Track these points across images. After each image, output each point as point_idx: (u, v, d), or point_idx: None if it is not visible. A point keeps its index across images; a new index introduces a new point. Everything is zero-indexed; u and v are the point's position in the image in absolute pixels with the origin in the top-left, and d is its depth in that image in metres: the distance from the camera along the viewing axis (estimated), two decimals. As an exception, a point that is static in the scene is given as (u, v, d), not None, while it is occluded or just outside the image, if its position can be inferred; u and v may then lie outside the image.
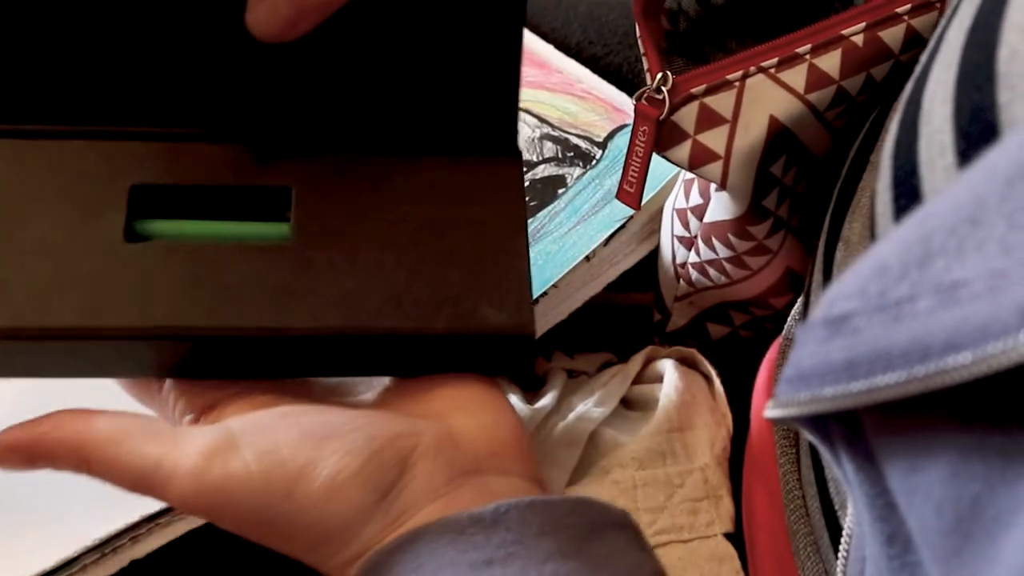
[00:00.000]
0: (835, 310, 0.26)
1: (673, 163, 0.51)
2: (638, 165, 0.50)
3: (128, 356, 0.41)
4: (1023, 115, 0.27)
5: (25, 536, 0.48)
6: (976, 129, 0.28)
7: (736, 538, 0.52)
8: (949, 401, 0.24)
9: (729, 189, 0.51)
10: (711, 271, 0.55)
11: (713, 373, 0.57)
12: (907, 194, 0.31)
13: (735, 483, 0.54)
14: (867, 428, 0.27)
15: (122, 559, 0.47)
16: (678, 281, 0.58)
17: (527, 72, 0.67)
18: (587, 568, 0.35)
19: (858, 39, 0.48)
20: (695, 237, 0.55)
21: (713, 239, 0.54)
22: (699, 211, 0.54)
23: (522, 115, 0.63)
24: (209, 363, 0.41)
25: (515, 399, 0.56)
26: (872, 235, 0.35)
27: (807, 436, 0.32)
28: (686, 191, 0.55)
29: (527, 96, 0.65)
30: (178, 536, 0.49)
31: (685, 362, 0.58)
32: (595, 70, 0.67)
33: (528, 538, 0.36)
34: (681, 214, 0.56)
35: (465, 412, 0.41)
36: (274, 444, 0.38)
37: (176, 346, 0.40)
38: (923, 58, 0.35)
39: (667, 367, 0.56)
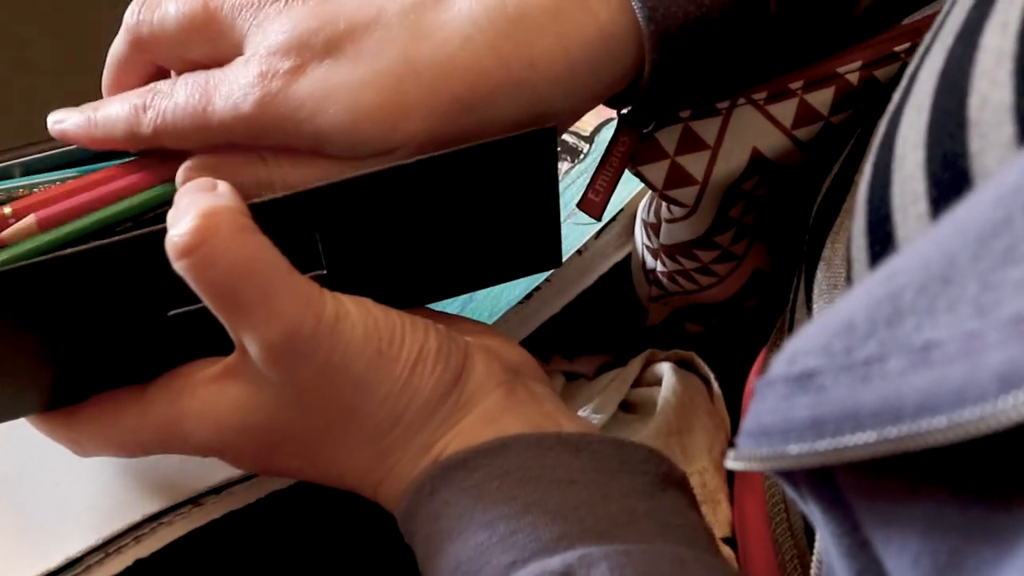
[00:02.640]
0: (797, 367, 0.26)
1: (645, 181, 0.50)
2: (609, 176, 0.49)
3: None
4: (994, 164, 0.26)
5: (30, 536, 0.48)
6: (948, 177, 0.28)
7: (735, 542, 0.52)
8: (923, 459, 0.23)
9: (699, 211, 0.50)
10: (680, 279, 0.55)
11: (712, 376, 0.56)
12: (881, 240, 0.31)
13: (732, 487, 0.53)
14: (840, 481, 0.27)
15: (126, 558, 0.48)
16: (649, 285, 0.58)
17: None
18: (660, 513, 0.37)
19: (853, 77, 0.46)
20: (659, 250, 0.55)
21: (677, 256, 0.54)
22: (655, 229, 0.54)
23: None
24: None
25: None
26: (848, 279, 0.35)
27: (772, 477, 0.32)
28: (647, 204, 0.55)
29: None
30: (182, 535, 0.49)
31: (684, 365, 0.57)
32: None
33: (608, 472, 0.38)
34: (645, 226, 0.55)
35: (482, 337, 0.45)
36: (367, 309, 0.40)
37: None
38: (896, 97, 0.35)
39: (665, 370, 0.56)
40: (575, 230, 0.57)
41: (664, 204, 0.51)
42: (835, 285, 0.39)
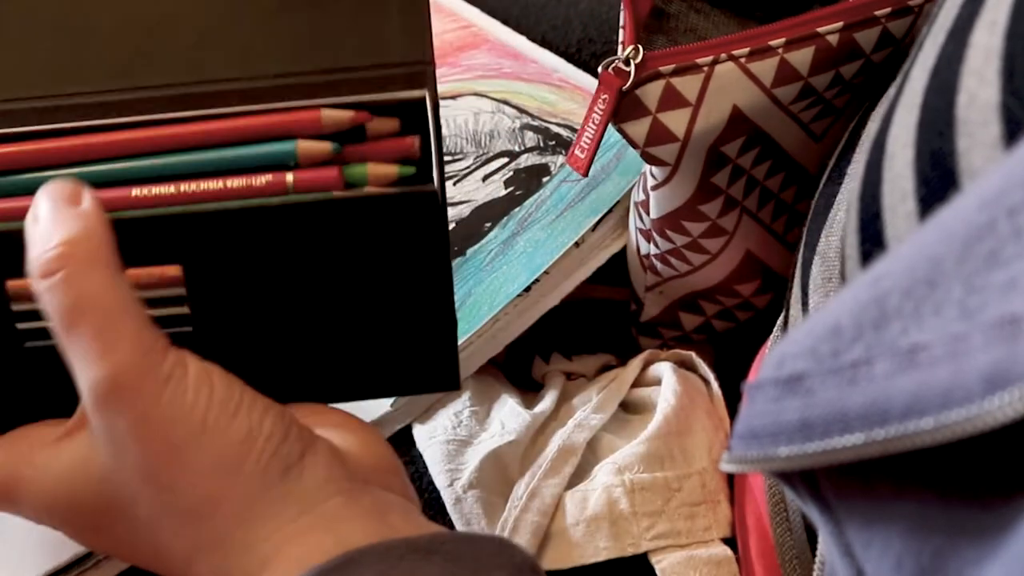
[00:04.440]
0: (785, 370, 0.26)
1: (628, 138, 0.50)
2: (593, 132, 0.49)
3: None
4: (980, 163, 0.27)
5: (38, 535, 0.47)
6: (936, 176, 0.28)
7: (734, 543, 0.52)
8: (909, 461, 0.23)
9: (680, 171, 0.51)
10: (672, 260, 0.56)
11: (711, 377, 0.56)
12: (872, 239, 0.31)
13: (732, 488, 0.53)
14: (822, 483, 0.27)
15: None
16: (645, 272, 0.58)
17: (503, 63, 0.67)
18: None
19: (833, 39, 0.47)
20: (650, 230, 0.55)
21: (667, 230, 0.54)
22: (645, 206, 0.54)
23: (501, 106, 0.64)
24: None
25: (513, 402, 0.56)
26: (842, 276, 0.35)
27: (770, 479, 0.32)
28: (637, 185, 0.55)
29: (504, 87, 0.65)
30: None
31: (684, 366, 0.57)
32: (597, 68, 0.66)
33: (464, 573, 0.36)
34: (637, 207, 0.56)
35: (343, 432, 0.42)
36: (207, 376, 0.38)
37: None
38: (891, 92, 0.35)
39: (665, 371, 0.56)
40: (572, 223, 0.58)
41: (649, 171, 0.52)
42: (829, 278, 0.39)
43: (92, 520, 0.40)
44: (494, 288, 0.56)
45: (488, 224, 0.60)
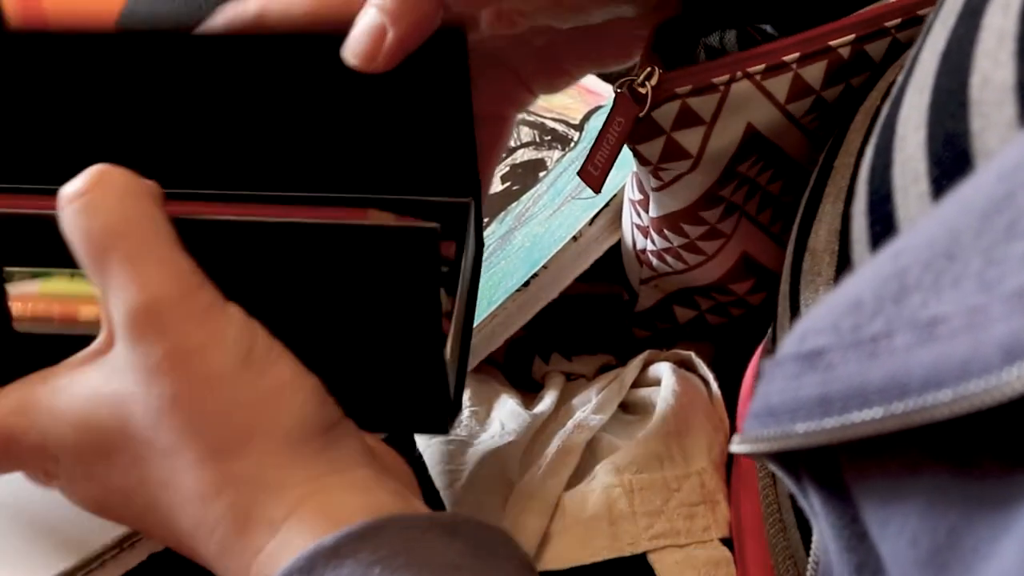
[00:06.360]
0: (807, 345, 0.26)
1: (641, 157, 0.50)
2: (607, 152, 0.49)
3: None
4: (995, 144, 0.27)
5: (44, 540, 0.48)
6: (949, 157, 0.28)
7: (733, 543, 0.51)
8: (926, 435, 0.24)
9: (685, 179, 0.51)
10: (668, 258, 0.56)
11: (711, 377, 0.56)
12: (882, 220, 0.31)
13: (730, 488, 0.53)
14: (843, 462, 0.27)
15: (140, 553, 0.48)
16: (641, 266, 0.58)
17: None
18: None
19: (844, 51, 0.47)
20: (648, 227, 0.55)
21: (665, 230, 0.54)
22: (644, 204, 0.54)
23: None
24: None
25: (513, 403, 0.57)
26: (849, 260, 0.35)
27: (772, 468, 0.32)
28: (632, 182, 0.55)
29: None
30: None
31: (683, 366, 0.57)
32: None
33: (483, 556, 0.36)
34: (633, 204, 0.56)
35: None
36: (253, 323, 0.38)
37: None
38: (899, 79, 0.35)
39: (665, 371, 0.56)
40: (570, 217, 0.58)
41: (651, 175, 0.52)
42: (819, 272, 0.39)
43: (102, 443, 0.39)
44: (493, 283, 0.56)
45: (485, 220, 0.60)
